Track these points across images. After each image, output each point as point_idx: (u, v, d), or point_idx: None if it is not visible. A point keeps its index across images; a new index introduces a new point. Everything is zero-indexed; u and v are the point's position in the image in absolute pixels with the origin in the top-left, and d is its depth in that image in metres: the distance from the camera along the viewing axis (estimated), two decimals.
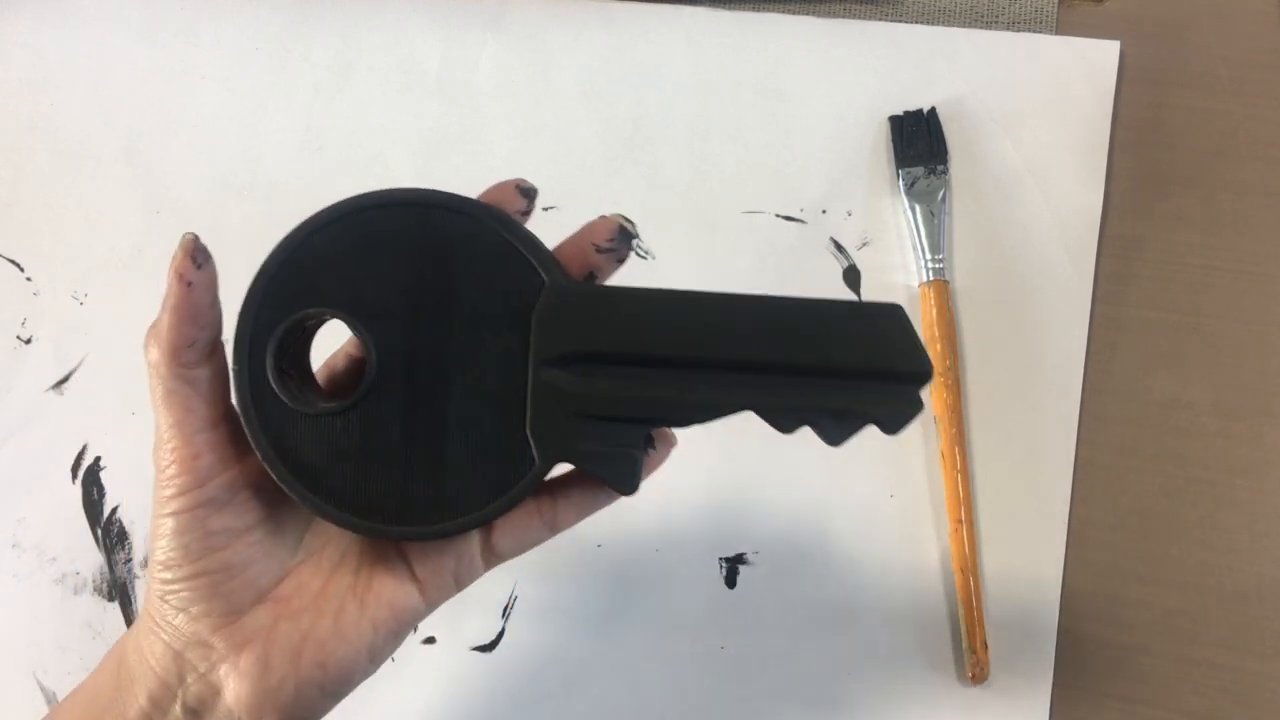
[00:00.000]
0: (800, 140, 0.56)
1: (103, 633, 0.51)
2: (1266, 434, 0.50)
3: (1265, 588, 0.48)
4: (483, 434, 0.32)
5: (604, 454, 0.32)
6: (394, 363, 0.32)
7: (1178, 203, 0.53)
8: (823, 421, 0.32)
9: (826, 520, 0.50)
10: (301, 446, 0.32)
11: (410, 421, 0.32)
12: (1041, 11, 0.57)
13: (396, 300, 0.32)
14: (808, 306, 0.32)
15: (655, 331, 0.32)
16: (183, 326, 0.32)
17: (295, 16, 0.60)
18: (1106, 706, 0.47)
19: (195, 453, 0.33)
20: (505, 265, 0.32)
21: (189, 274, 0.32)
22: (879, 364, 0.32)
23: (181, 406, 0.33)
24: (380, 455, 0.32)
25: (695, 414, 0.32)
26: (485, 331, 0.32)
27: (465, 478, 0.32)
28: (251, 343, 0.32)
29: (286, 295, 0.32)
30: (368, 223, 0.32)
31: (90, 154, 0.59)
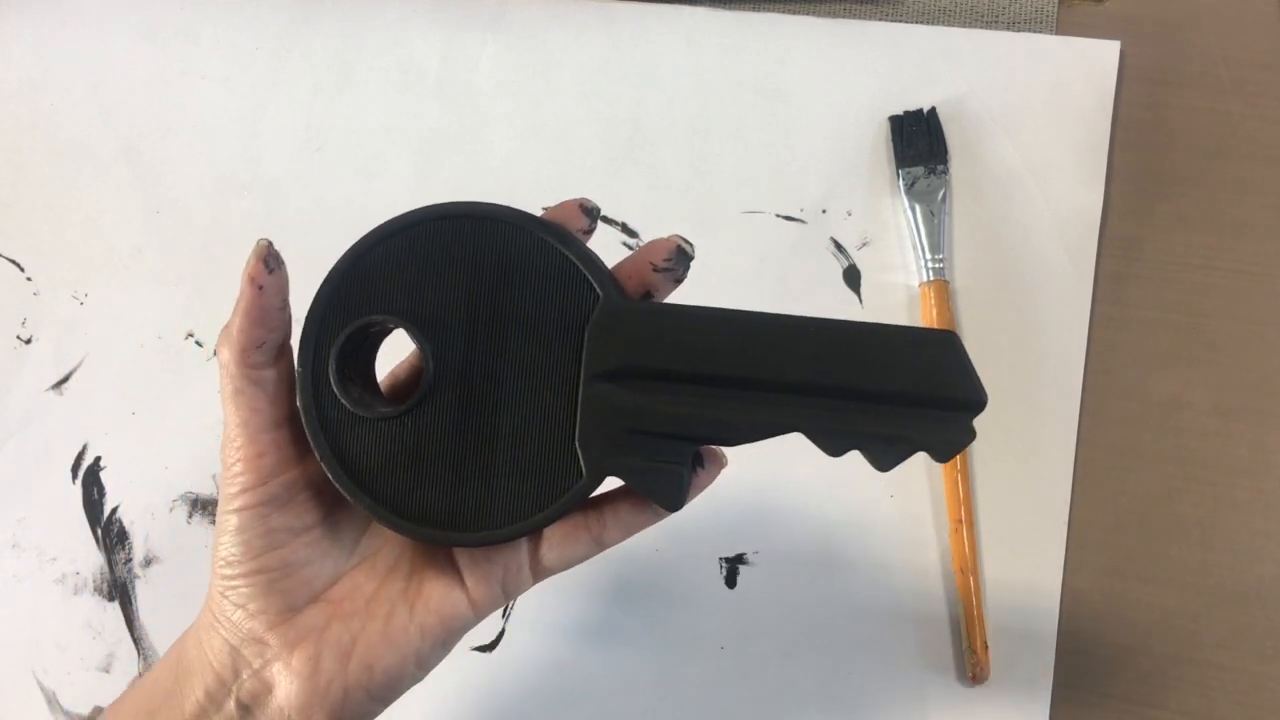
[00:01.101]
0: (800, 140, 0.56)
1: (103, 633, 0.51)
2: (1266, 434, 0.50)
3: (1265, 588, 0.48)
4: (533, 445, 0.33)
5: (651, 470, 0.33)
6: (450, 371, 0.33)
7: (1178, 203, 0.53)
8: (873, 446, 0.32)
9: (826, 520, 0.50)
10: (358, 449, 0.33)
11: (463, 429, 0.33)
12: (1041, 11, 0.57)
13: (455, 310, 0.33)
14: (862, 330, 0.32)
15: (707, 349, 0.32)
16: (252, 329, 0.33)
17: (295, 16, 0.60)
18: (1106, 706, 0.47)
19: (260, 451, 0.33)
20: (562, 280, 0.33)
21: (260, 278, 0.33)
22: (933, 391, 0.32)
23: (248, 406, 0.34)
24: (433, 461, 0.33)
25: (744, 433, 0.32)
26: (540, 344, 0.33)
27: (514, 487, 0.33)
28: (316, 346, 0.33)
29: (351, 302, 0.33)
30: (431, 234, 0.34)
31: (90, 154, 0.59)
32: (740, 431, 0.33)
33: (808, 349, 0.32)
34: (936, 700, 0.48)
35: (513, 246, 0.33)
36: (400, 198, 0.57)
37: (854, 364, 0.32)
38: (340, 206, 0.57)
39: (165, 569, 0.52)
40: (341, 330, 0.33)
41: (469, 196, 0.56)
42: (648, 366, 0.33)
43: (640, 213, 0.55)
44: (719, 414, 0.32)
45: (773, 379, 0.32)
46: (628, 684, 0.49)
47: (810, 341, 0.32)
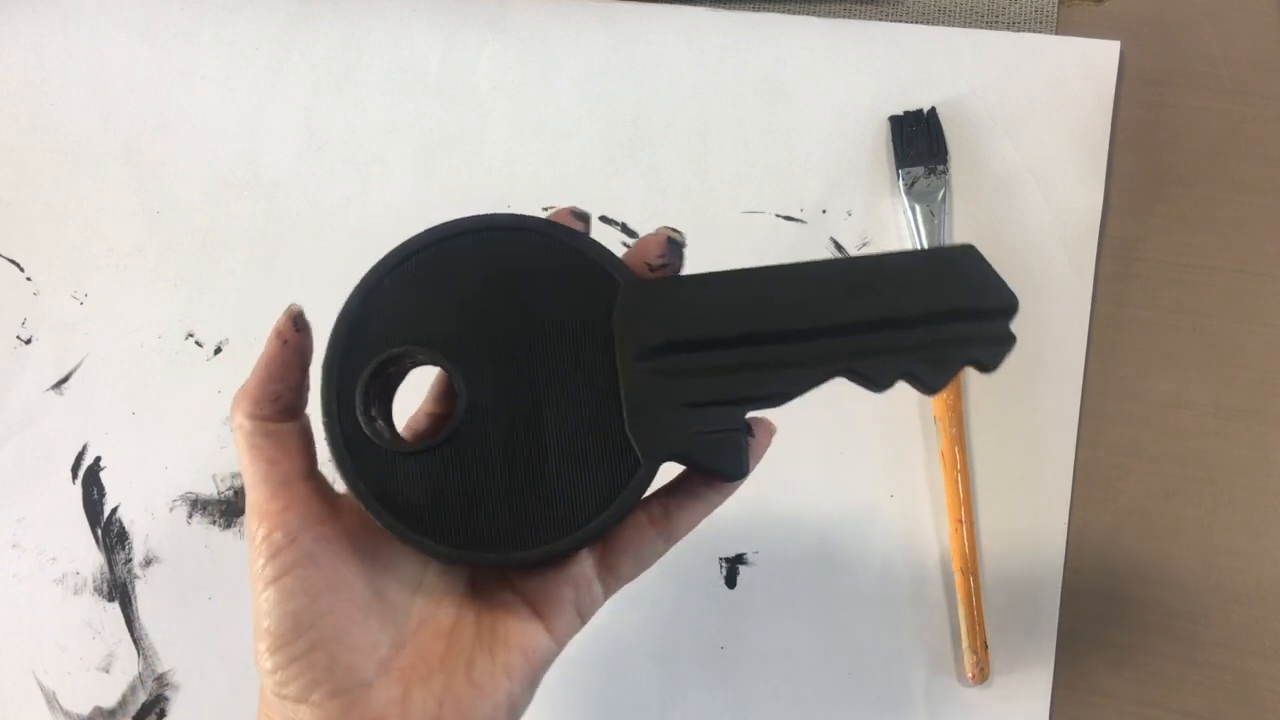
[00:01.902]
0: (800, 140, 0.56)
1: (103, 633, 0.51)
2: (1266, 434, 0.50)
3: (1265, 588, 0.48)
4: (583, 446, 0.32)
5: (708, 441, 0.32)
6: (483, 390, 0.32)
7: (1178, 203, 0.53)
8: (920, 370, 0.32)
9: (826, 520, 0.50)
10: (401, 488, 0.32)
11: (507, 446, 0.32)
12: (1041, 11, 0.57)
13: (476, 327, 0.32)
14: (884, 260, 0.32)
15: (736, 310, 0.32)
16: (269, 382, 0.33)
17: (295, 16, 0.60)
18: (1106, 706, 0.47)
19: (284, 505, 0.32)
20: (578, 275, 0.33)
21: (287, 333, 0.33)
22: (965, 304, 0.32)
23: (265, 460, 0.32)
24: (482, 484, 0.32)
25: (790, 384, 0.32)
26: (569, 343, 0.32)
27: (573, 494, 0.32)
28: (339, 389, 0.32)
29: (368, 338, 0.32)
30: (437, 256, 0.33)
31: (90, 154, 0.59)
32: (786, 383, 0.32)
33: (834, 290, 0.32)
34: (936, 700, 0.48)
35: (521, 253, 0.33)
36: (400, 198, 0.57)
37: (883, 295, 0.32)
38: (340, 206, 0.57)
39: (165, 569, 0.52)
40: (363, 369, 0.32)
41: (469, 197, 0.57)
42: (682, 339, 0.32)
43: (640, 213, 0.55)
44: (761, 372, 0.32)
45: (806, 326, 0.32)
46: (628, 684, 0.49)
47: (835, 282, 0.32)
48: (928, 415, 0.51)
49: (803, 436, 0.50)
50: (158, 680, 0.50)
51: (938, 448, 0.50)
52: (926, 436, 0.51)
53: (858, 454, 0.51)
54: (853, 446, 0.51)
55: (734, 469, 0.32)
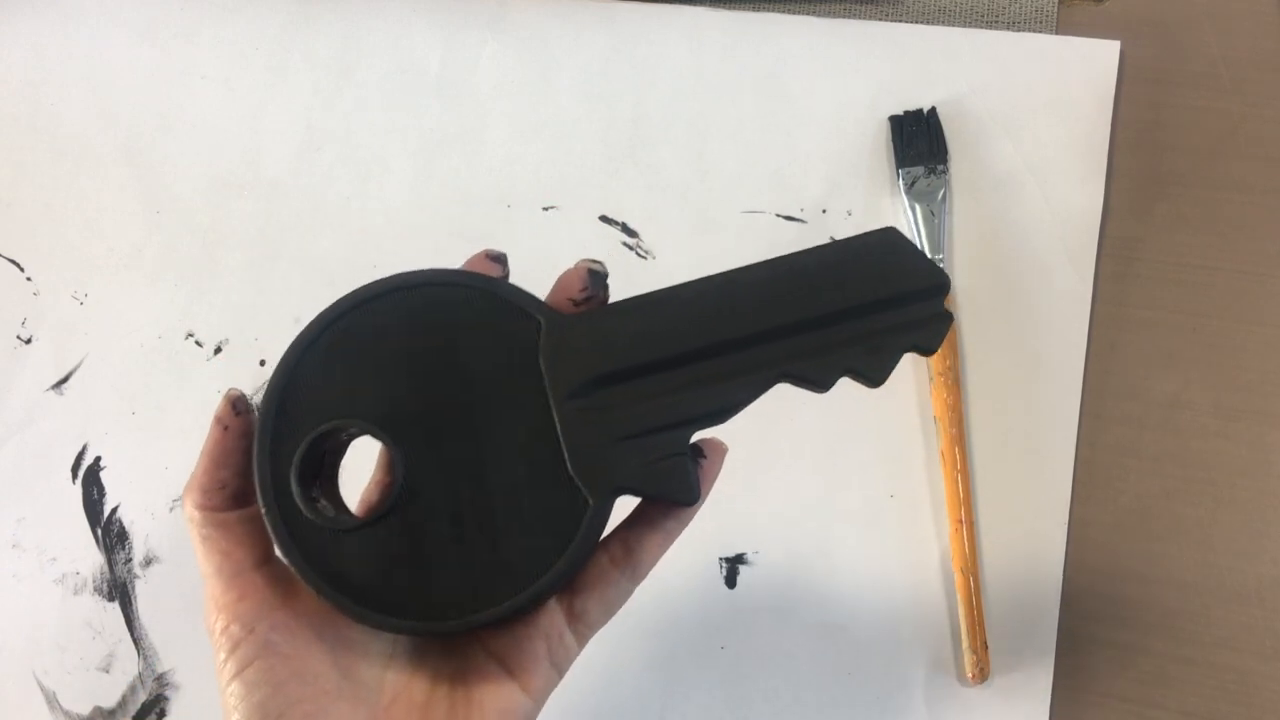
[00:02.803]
0: (800, 140, 0.56)
1: (103, 633, 0.51)
2: (1266, 434, 0.50)
3: (1265, 588, 0.48)
4: (530, 494, 0.31)
5: (653, 470, 0.31)
6: (420, 453, 0.31)
7: (1178, 203, 0.53)
8: (861, 364, 0.32)
9: (826, 520, 0.50)
10: (350, 565, 0.31)
11: (452, 507, 0.31)
12: (1041, 11, 0.57)
13: (405, 391, 0.32)
14: (807, 256, 0.32)
15: (662, 332, 0.31)
16: (215, 470, 0.32)
17: (295, 16, 0.60)
18: (1106, 706, 0.47)
19: (239, 595, 0.31)
20: (499, 321, 0.32)
21: (226, 418, 0.32)
22: (895, 289, 0.32)
23: (218, 551, 0.32)
24: (431, 550, 0.31)
25: (729, 398, 0.31)
26: (500, 392, 0.32)
27: (526, 545, 0.31)
28: (273, 473, 0.31)
29: (297, 417, 0.31)
30: (356, 323, 0.32)
31: (90, 154, 0.59)
32: (725, 398, 0.31)
33: (761, 295, 0.32)
34: (936, 700, 0.48)
35: (440, 308, 0.32)
36: (400, 198, 0.57)
37: (810, 292, 0.32)
38: (340, 206, 0.57)
39: (165, 569, 0.52)
40: (295, 451, 0.31)
41: (469, 197, 0.57)
42: (610, 370, 0.31)
43: (640, 213, 0.55)
44: (698, 390, 0.31)
45: (737, 336, 0.31)
46: (628, 684, 0.49)
47: (761, 287, 0.32)
48: (928, 415, 0.51)
49: (803, 436, 0.50)
50: (158, 680, 0.50)
51: (938, 448, 0.50)
52: (926, 436, 0.51)
53: (858, 454, 0.51)
54: (853, 446, 0.51)
55: (684, 495, 0.31)
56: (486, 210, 0.56)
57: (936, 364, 0.50)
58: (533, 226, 0.56)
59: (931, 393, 0.51)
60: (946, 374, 0.50)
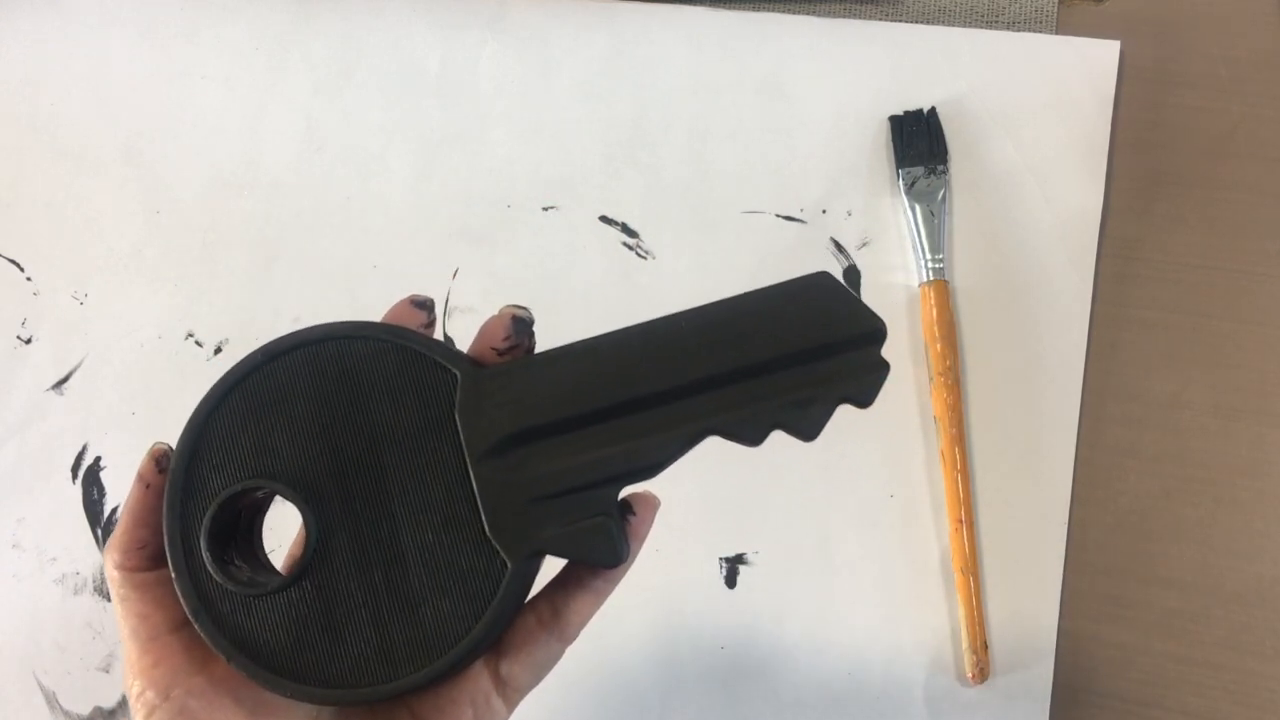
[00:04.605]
0: (800, 140, 0.56)
1: (103, 633, 0.51)
2: (1266, 434, 0.50)
3: (1265, 588, 0.48)
4: (447, 556, 0.30)
5: (574, 532, 0.29)
6: (332, 514, 0.30)
7: (1178, 203, 0.53)
8: (790, 418, 0.30)
9: (826, 520, 0.50)
10: (262, 631, 0.29)
11: (366, 570, 0.30)
12: (1041, 11, 0.57)
13: (317, 448, 0.30)
14: (734, 304, 0.30)
15: (582, 385, 0.30)
16: (135, 529, 0.31)
17: (295, 16, 0.60)
18: (1106, 706, 0.47)
19: (154, 660, 0.30)
20: (414, 374, 0.31)
21: (149, 476, 0.31)
22: (826, 336, 0.30)
23: (135, 613, 0.31)
24: (345, 615, 0.30)
25: (654, 455, 0.30)
26: (415, 448, 0.30)
27: (444, 609, 0.30)
28: (184, 538, 0.30)
29: (206, 478, 0.30)
30: (267, 378, 0.31)
31: (90, 154, 0.59)
32: (649, 455, 0.30)
33: (685, 346, 0.30)
34: (936, 700, 0.48)
35: (354, 362, 0.31)
36: (400, 198, 0.57)
37: (738, 341, 0.30)
38: (340, 206, 0.57)
39: None
40: (204, 513, 0.30)
41: (469, 197, 0.57)
42: (529, 426, 0.30)
43: (640, 213, 0.55)
44: (620, 446, 0.30)
45: (661, 389, 0.30)
46: (628, 684, 0.49)
47: (686, 337, 0.30)
48: (928, 415, 0.51)
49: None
50: None
51: (938, 448, 0.50)
52: (926, 436, 0.51)
53: (858, 454, 0.51)
54: (853, 446, 0.51)
55: (607, 558, 0.30)
56: (486, 210, 0.56)
57: (936, 364, 0.50)
58: (533, 226, 0.56)
59: (931, 393, 0.51)
60: (946, 374, 0.50)
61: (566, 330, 0.47)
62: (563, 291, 0.55)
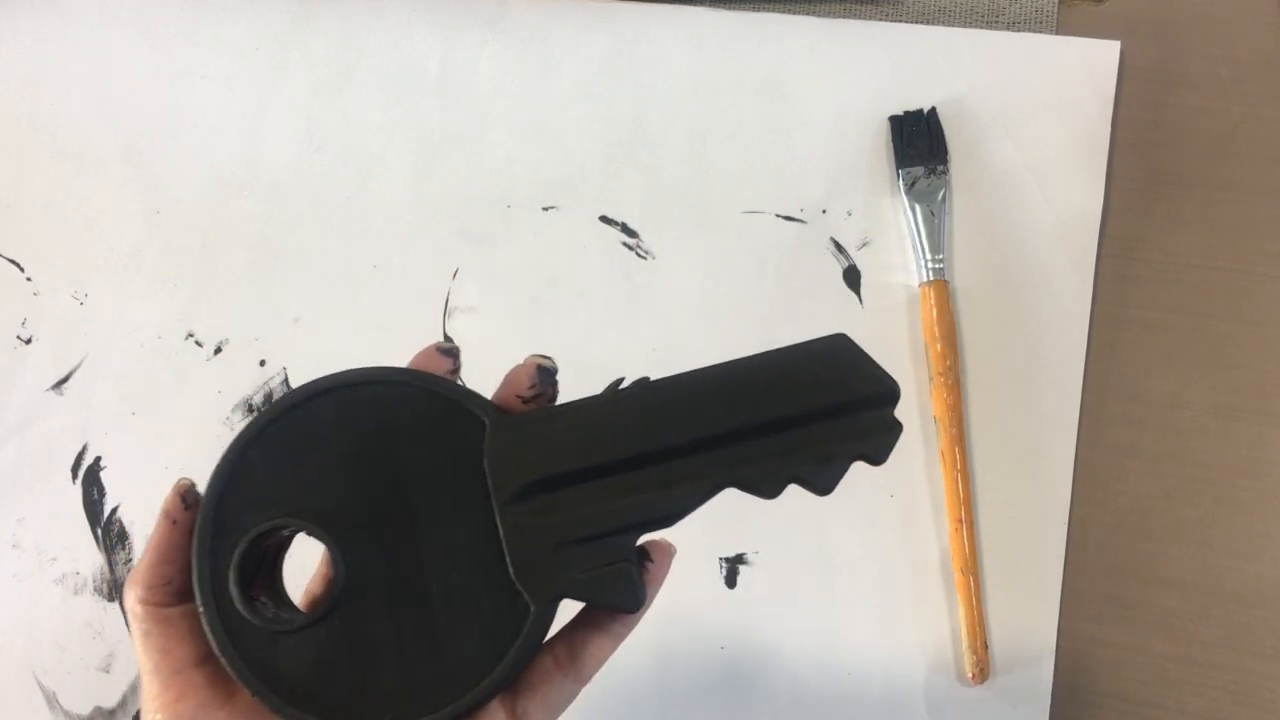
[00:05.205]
0: (800, 140, 0.56)
1: (103, 633, 0.51)
2: (1266, 434, 0.50)
3: (1265, 588, 0.48)
4: (471, 598, 0.31)
5: (596, 577, 0.31)
6: (360, 553, 0.31)
7: (1178, 203, 0.53)
8: (808, 474, 0.31)
9: (826, 520, 0.50)
10: (287, 667, 0.30)
11: (392, 608, 0.31)
12: (1041, 11, 0.57)
13: (346, 490, 0.31)
14: (754, 363, 0.31)
15: (609, 436, 0.31)
16: (161, 565, 0.31)
17: (295, 16, 0.60)
18: (1106, 706, 0.47)
19: (177, 695, 0.30)
20: (444, 420, 0.31)
21: (176, 513, 0.32)
22: (844, 396, 0.31)
23: (157, 648, 0.31)
24: (370, 652, 0.30)
25: (674, 505, 0.31)
26: (443, 492, 0.31)
27: (466, 649, 0.30)
28: (213, 574, 0.30)
29: (236, 516, 0.31)
30: (298, 420, 0.31)
31: (90, 154, 0.59)
32: (670, 504, 0.31)
33: (708, 401, 0.31)
34: (936, 700, 0.48)
35: (384, 406, 0.32)
36: (400, 198, 0.57)
37: (758, 398, 0.31)
38: (340, 206, 0.57)
39: None
40: (234, 549, 0.30)
41: (469, 197, 0.57)
42: (555, 474, 0.31)
43: (640, 213, 0.55)
44: (643, 495, 0.31)
45: (683, 442, 0.31)
46: (628, 684, 0.49)
47: (710, 392, 0.31)
48: (928, 415, 0.51)
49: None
50: None
51: (938, 448, 0.50)
52: (926, 436, 0.51)
53: None
54: None
55: (627, 603, 0.31)
56: (486, 210, 0.56)
57: (937, 364, 0.50)
58: (533, 226, 0.56)
59: (931, 393, 0.51)
60: (946, 374, 0.50)
61: (567, 330, 0.47)
62: (563, 291, 0.55)
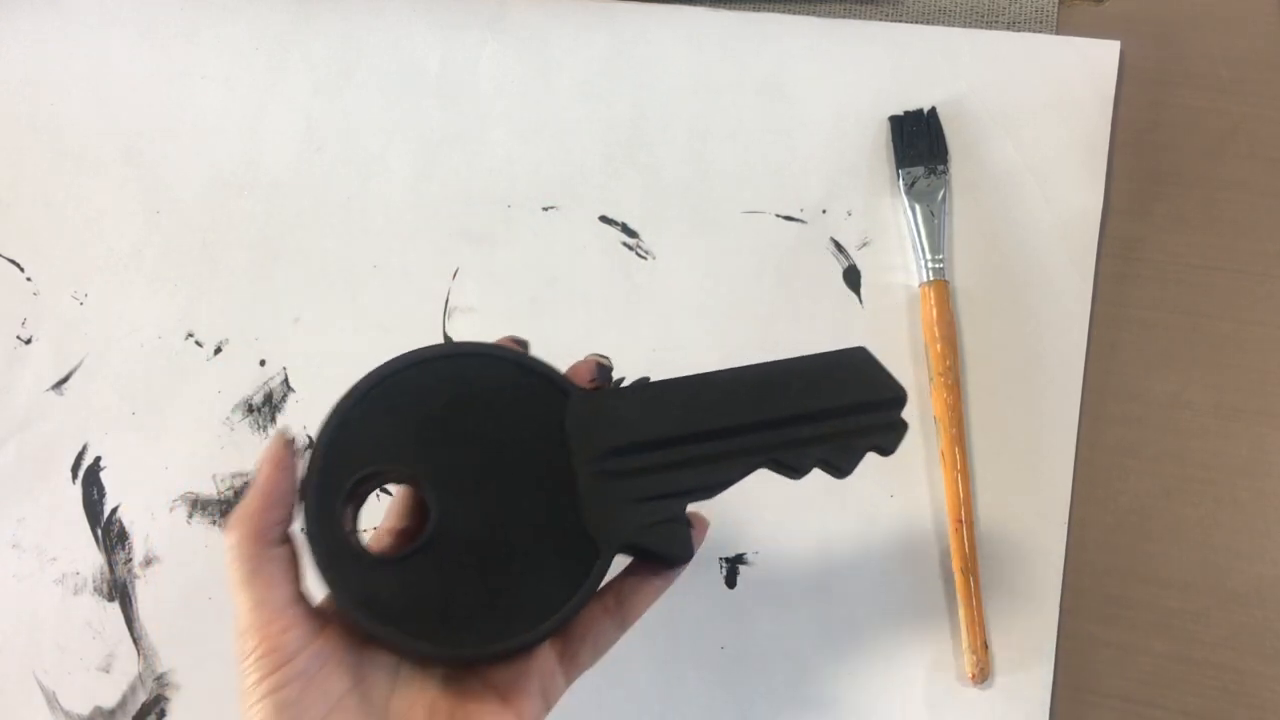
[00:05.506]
0: (800, 140, 0.56)
1: (103, 633, 0.51)
2: (1266, 434, 0.50)
3: (1265, 588, 0.48)
4: (545, 543, 0.35)
5: (656, 531, 0.36)
6: (451, 498, 0.35)
7: (1178, 203, 0.53)
8: (831, 456, 0.37)
9: (826, 520, 0.50)
10: (381, 595, 0.34)
11: (476, 548, 0.35)
12: (1041, 11, 0.57)
13: (440, 443, 0.36)
14: (791, 364, 0.38)
15: (672, 415, 0.36)
16: (272, 509, 0.35)
17: (295, 16, 0.60)
18: (1106, 706, 0.47)
19: (284, 626, 0.34)
20: (529, 391, 0.37)
21: (285, 461, 0.36)
22: (861, 398, 0.37)
23: (265, 584, 0.34)
24: (455, 585, 0.35)
25: (722, 476, 0.36)
26: (525, 451, 0.36)
27: (541, 585, 0.35)
28: (319, 508, 0.35)
29: (345, 460, 0.35)
30: (401, 382, 0.36)
31: (90, 154, 0.59)
32: (719, 476, 0.36)
33: (753, 393, 0.37)
34: (936, 700, 0.48)
35: (476, 374, 0.37)
36: (400, 198, 0.57)
37: (794, 395, 0.37)
38: (340, 206, 0.57)
39: (165, 569, 0.52)
40: (343, 485, 0.35)
41: (469, 197, 0.57)
42: (629, 442, 0.36)
43: (640, 213, 0.55)
44: (697, 467, 0.36)
45: (733, 424, 0.37)
46: (627, 684, 0.49)
47: (753, 386, 0.37)
48: (928, 415, 0.51)
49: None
50: (158, 680, 0.50)
51: (938, 448, 0.50)
52: (926, 436, 0.51)
53: None
54: None
55: (682, 552, 0.36)
56: (486, 210, 0.56)
57: (936, 364, 0.50)
58: (533, 226, 0.56)
59: (931, 393, 0.51)
60: (946, 374, 0.50)
61: (567, 330, 0.47)
62: (563, 291, 0.55)
